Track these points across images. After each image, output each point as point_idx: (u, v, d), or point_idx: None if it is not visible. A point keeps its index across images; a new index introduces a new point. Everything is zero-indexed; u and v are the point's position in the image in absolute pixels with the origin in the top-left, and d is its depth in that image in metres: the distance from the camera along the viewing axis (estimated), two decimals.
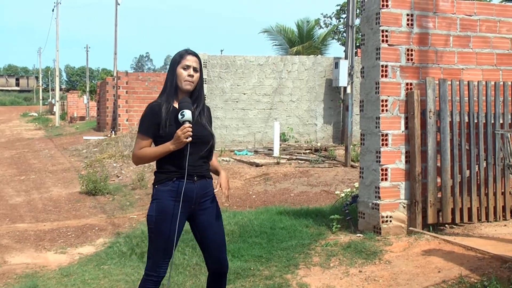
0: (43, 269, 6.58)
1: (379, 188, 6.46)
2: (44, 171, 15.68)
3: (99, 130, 28.64)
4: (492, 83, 6.88)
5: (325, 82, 17.86)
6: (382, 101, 6.45)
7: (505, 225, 6.69)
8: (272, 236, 6.70)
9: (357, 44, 18.17)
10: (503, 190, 6.94)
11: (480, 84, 6.78)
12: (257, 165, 13.69)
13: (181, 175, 3.65)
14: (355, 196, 7.17)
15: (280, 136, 16.72)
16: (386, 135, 6.48)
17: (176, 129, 3.62)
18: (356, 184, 7.63)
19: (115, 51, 37.07)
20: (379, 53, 6.45)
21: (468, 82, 6.74)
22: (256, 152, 16.53)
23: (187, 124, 3.60)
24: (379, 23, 6.45)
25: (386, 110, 6.47)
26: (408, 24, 6.56)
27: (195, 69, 3.77)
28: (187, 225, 3.89)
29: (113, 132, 24.20)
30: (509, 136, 4.02)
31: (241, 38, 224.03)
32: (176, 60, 3.78)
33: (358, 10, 15.94)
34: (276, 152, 15.47)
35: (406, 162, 6.56)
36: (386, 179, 6.48)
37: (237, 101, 17.23)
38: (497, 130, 6.59)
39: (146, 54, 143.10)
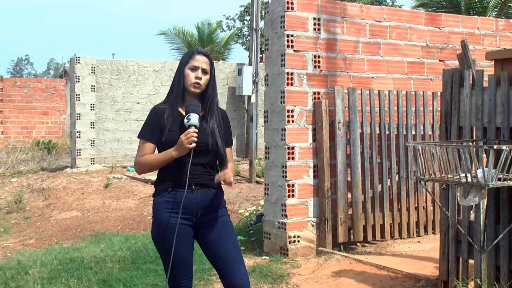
0: None
1: (285, 205, 6.51)
2: None
3: None
4: (404, 92, 7.13)
5: (227, 90, 17.89)
6: (288, 111, 6.52)
7: (418, 242, 6.93)
8: None
9: (263, 49, 18.39)
10: (416, 205, 7.20)
11: (391, 93, 7.01)
12: (153, 182, 13.48)
13: (178, 185, 3.69)
14: (260, 215, 7.20)
15: None
16: (293, 148, 6.55)
17: (180, 135, 3.62)
18: (262, 202, 7.67)
19: None
20: (284, 59, 6.52)
21: (379, 91, 6.96)
22: None
23: (192, 129, 3.61)
24: (284, 27, 6.52)
25: (293, 121, 6.55)
26: (315, 29, 6.69)
27: (204, 71, 3.78)
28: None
29: None
30: (420, 148, 4.16)
31: (135, 40, 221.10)
32: (184, 60, 3.81)
33: (263, 12, 16.14)
34: None
35: (314, 177, 6.67)
36: (293, 196, 6.55)
37: (130, 111, 16.87)
38: (408, 142, 6.84)
39: (25, 57, 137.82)
